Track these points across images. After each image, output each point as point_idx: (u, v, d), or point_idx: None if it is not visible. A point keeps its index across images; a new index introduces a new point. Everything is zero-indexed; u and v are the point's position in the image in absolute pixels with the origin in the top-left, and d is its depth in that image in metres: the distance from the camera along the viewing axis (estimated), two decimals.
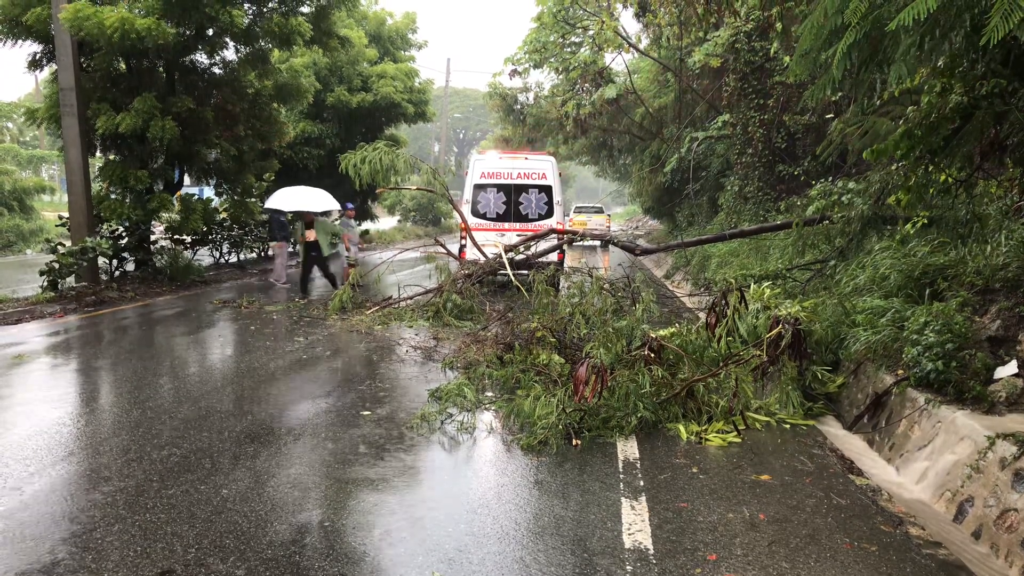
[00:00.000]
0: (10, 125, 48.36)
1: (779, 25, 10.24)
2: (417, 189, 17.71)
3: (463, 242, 13.95)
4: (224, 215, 18.16)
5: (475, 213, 14.53)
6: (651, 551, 3.87)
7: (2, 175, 27.61)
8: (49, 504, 4.31)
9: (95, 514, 4.17)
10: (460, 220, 14.14)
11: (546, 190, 14.55)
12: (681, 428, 5.85)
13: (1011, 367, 5.18)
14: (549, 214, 14.48)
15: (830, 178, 12.51)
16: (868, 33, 4.40)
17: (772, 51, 14.50)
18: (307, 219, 13.40)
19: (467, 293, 10.90)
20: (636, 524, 4.19)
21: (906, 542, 4.05)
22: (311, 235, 13.29)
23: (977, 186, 7.38)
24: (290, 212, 14.84)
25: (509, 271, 11.43)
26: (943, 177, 6.59)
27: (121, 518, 4.12)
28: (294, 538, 3.93)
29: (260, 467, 4.94)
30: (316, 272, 13.74)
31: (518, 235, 13.58)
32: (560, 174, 15.23)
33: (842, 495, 4.70)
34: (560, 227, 14.28)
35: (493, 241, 13.33)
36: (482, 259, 12.31)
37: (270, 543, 3.86)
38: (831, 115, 12.99)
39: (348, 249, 14.59)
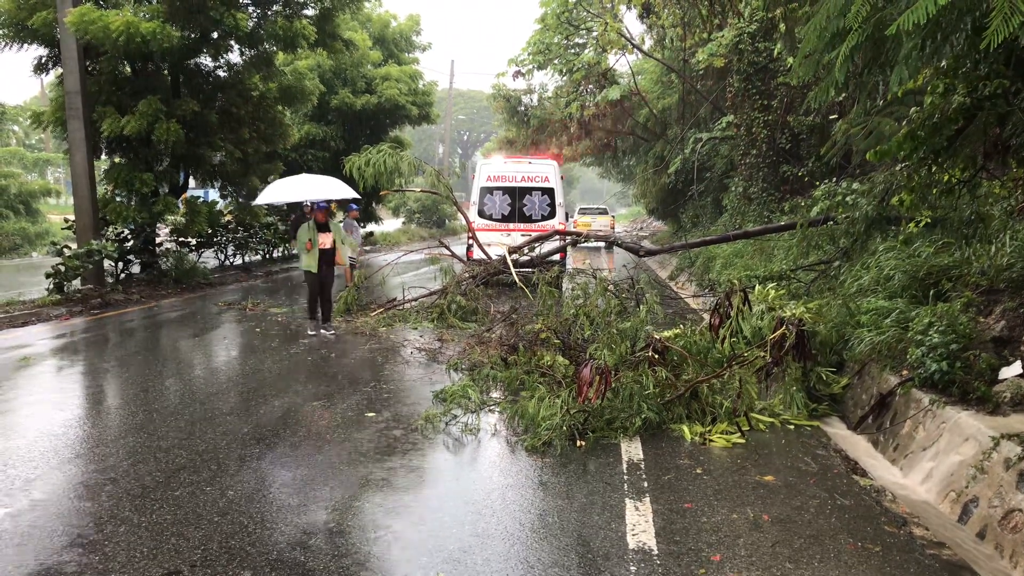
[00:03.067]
0: (16, 128, 48.56)
1: (782, 26, 10.24)
2: (421, 191, 17.77)
3: (470, 242, 14.24)
4: (229, 217, 18.24)
5: (481, 214, 15.21)
6: (655, 552, 3.87)
7: (8, 178, 27.76)
8: (56, 505, 4.34)
9: (102, 515, 4.20)
10: (466, 222, 14.47)
11: (549, 192, 15.23)
12: (685, 429, 5.86)
13: (1016, 368, 5.17)
14: (552, 215, 15.14)
15: (834, 179, 12.51)
16: (871, 35, 4.41)
17: (776, 52, 14.51)
18: (319, 218, 9.71)
19: (471, 295, 10.93)
20: (640, 525, 4.19)
21: (910, 542, 4.05)
22: (328, 240, 9.73)
23: (981, 187, 7.37)
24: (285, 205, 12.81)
25: (512, 271, 11.49)
26: (946, 178, 6.59)
27: (127, 519, 4.14)
28: (299, 539, 3.95)
29: (265, 468, 4.97)
30: None
31: (522, 235, 14.07)
32: (562, 177, 15.76)
33: (846, 496, 4.70)
34: (563, 227, 14.68)
35: (498, 241, 13.84)
36: (487, 260, 12.48)
37: (275, 544, 3.88)
38: (835, 116, 12.99)
39: (358, 251, 14.64)
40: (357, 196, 11.05)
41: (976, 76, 5.64)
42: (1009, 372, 5.17)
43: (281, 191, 10.58)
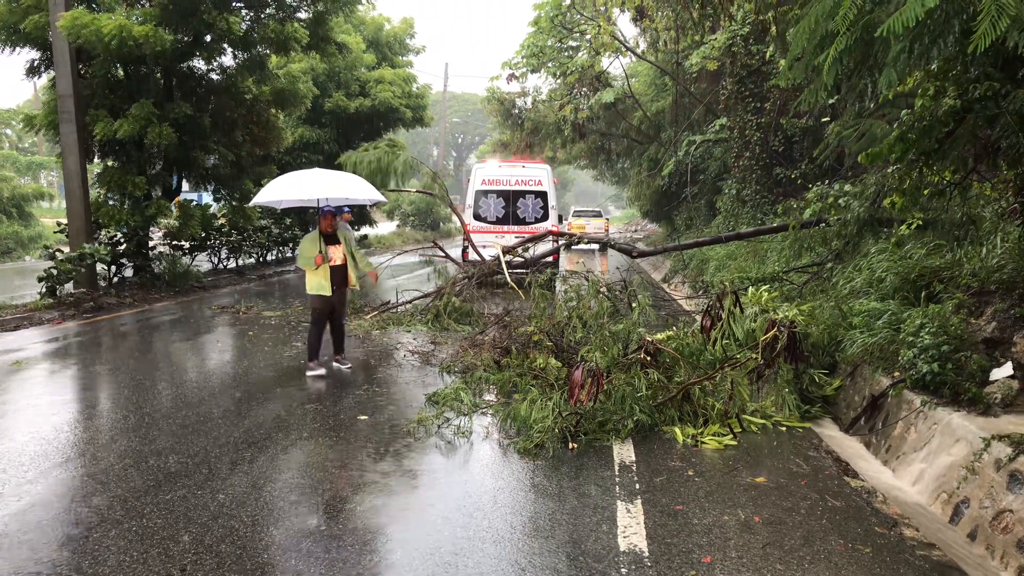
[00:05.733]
0: (8, 131, 48.44)
1: (774, 29, 10.27)
2: (417, 192, 17.81)
3: (465, 244, 14.41)
4: (222, 221, 18.21)
5: (476, 217, 15.56)
6: (646, 554, 3.88)
7: (1, 181, 27.64)
8: (47, 509, 4.32)
9: (92, 519, 4.18)
10: (461, 224, 14.65)
11: (542, 195, 15.60)
12: (677, 431, 5.86)
13: (1006, 369, 5.19)
14: (544, 217, 15.50)
15: (826, 181, 12.55)
16: (859, 38, 4.42)
17: (768, 55, 14.55)
18: (326, 227, 7.77)
19: (467, 295, 10.93)
20: (631, 527, 4.20)
21: (900, 543, 4.06)
22: (338, 254, 7.87)
23: (971, 188, 7.40)
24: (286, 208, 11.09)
25: (506, 272, 11.52)
26: (937, 179, 6.62)
27: (118, 523, 4.13)
28: (291, 542, 3.94)
29: (257, 472, 4.95)
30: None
31: (516, 237, 14.24)
32: (555, 180, 16.16)
33: (837, 497, 4.71)
34: (556, 229, 14.99)
35: (493, 242, 14.04)
36: (482, 261, 12.57)
37: (267, 547, 3.87)
38: (827, 119, 13.04)
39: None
40: (382, 199, 8.84)
41: (966, 79, 5.67)
42: (1000, 373, 5.19)
43: (286, 189, 7.94)
